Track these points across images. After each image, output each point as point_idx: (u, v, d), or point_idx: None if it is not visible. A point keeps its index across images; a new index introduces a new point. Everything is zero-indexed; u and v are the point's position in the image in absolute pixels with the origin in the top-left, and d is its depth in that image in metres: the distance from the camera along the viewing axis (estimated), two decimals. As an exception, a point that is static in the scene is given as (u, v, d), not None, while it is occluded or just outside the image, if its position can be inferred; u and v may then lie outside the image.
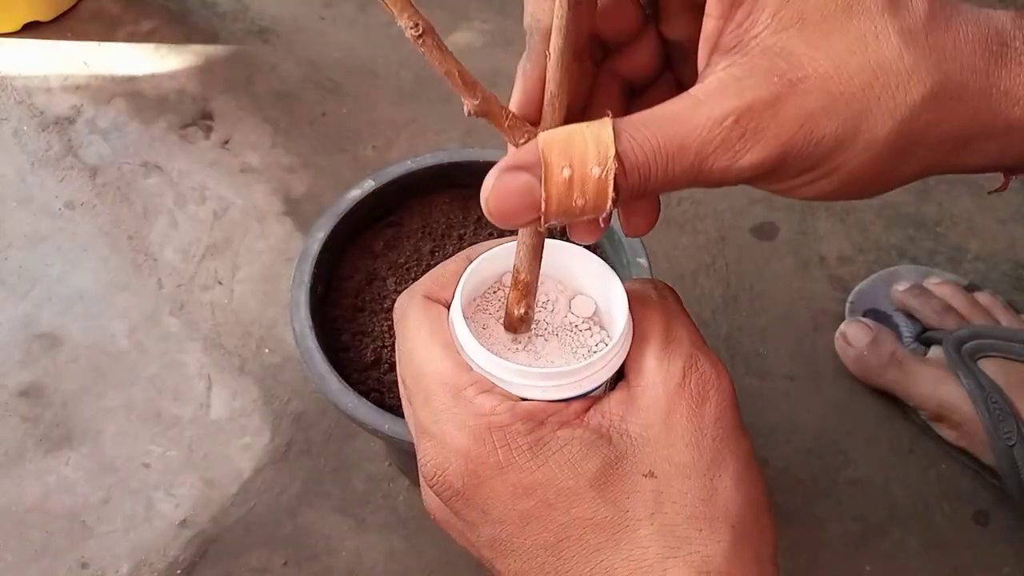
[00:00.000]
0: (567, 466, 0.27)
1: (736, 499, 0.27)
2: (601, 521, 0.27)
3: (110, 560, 0.58)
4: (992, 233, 0.74)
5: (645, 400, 0.28)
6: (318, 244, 0.51)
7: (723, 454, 0.28)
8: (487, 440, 0.27)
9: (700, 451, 0.27)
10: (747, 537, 0.27)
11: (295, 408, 0.64)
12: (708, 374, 0.28)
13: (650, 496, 0.27)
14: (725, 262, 0.72)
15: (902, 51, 0.24)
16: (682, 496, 0.27)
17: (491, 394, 0.28)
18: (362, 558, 0.59)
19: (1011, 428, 0.57)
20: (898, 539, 0.60)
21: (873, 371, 0.63)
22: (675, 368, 0.28)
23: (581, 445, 0.27)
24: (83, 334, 0.67)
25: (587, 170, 0.24)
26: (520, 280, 0.30)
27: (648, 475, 0.27)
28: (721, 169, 0.25)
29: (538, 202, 0.25)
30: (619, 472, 0.27)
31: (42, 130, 0.79)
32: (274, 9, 0.88)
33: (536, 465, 0.27)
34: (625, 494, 0.27)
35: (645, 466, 0.27)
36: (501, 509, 0.27)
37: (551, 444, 0.27)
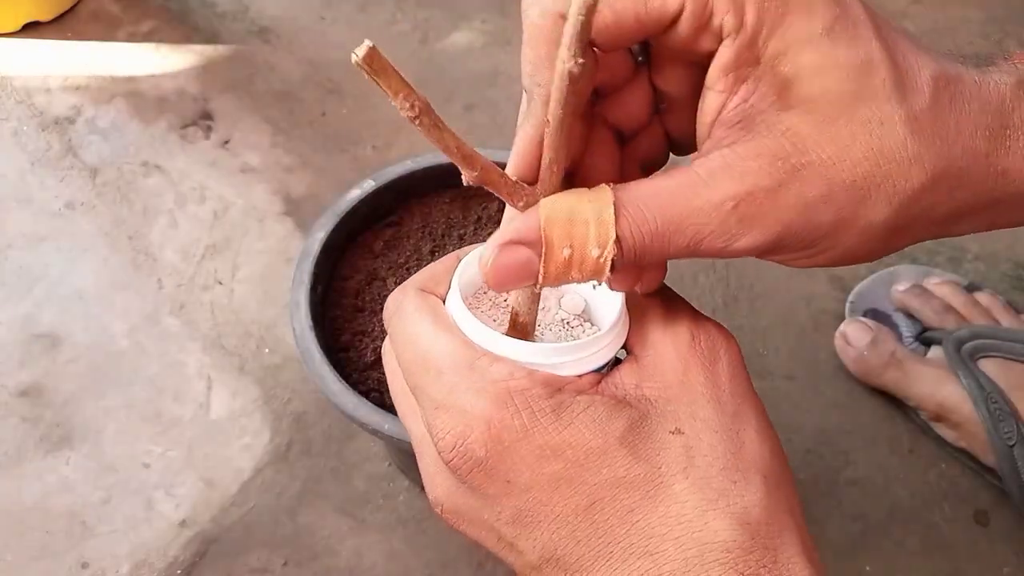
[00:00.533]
0: (593, 425, 0.26)
1: (763, 451, 0.27)
2: (634, 479, 0.26)
3: (110, 560, 0.58)
4: (992, 233, 0.74)
5: (657, 365, 0.28)
6: (318, 244, 0.51)
7: (743, 408, 0.28)
8: (509, 403, 0.26)
9: (721, 406, 0.27)
10: (779, 487, 0.27)
11: (295, 408, 0.64)
12: (715, 335, 0.29)
13: (681, 451, 0.26)
14: (725, 262, 0.72)
15: (907, 139, 0.24)
16: (712, 449, 0.27)
17: (505, 362, 0.28)
18: (362, 558, 0.59)
19: (1011, 428, 0.57)
20: (898, 539, 0.60)
21: (873, 371, 0.63)
22: (681, 332, 0.28)
23: (604, 407, 0.27)
24: (83, 334, 0.67)
25: (587, 251, 0.25)
26: (519, 322, 0.30)
27: (676, 432, 0.27)
28: (716, 250, 0.25)
29: (535, 272, 0.26)
30: (646, 430, 0.27)
31: (42, 130, 0.79)
32: (274, 9, 0.88)
33: (562, 426, 0.26)
34: (655, 450, 0.26)
35: (671, 423, 0.27)
36: (528, 475, 0.26)
37: (573, 407, 0.27)
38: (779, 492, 0.27)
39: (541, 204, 0.26)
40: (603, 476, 0.26)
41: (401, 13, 0.88)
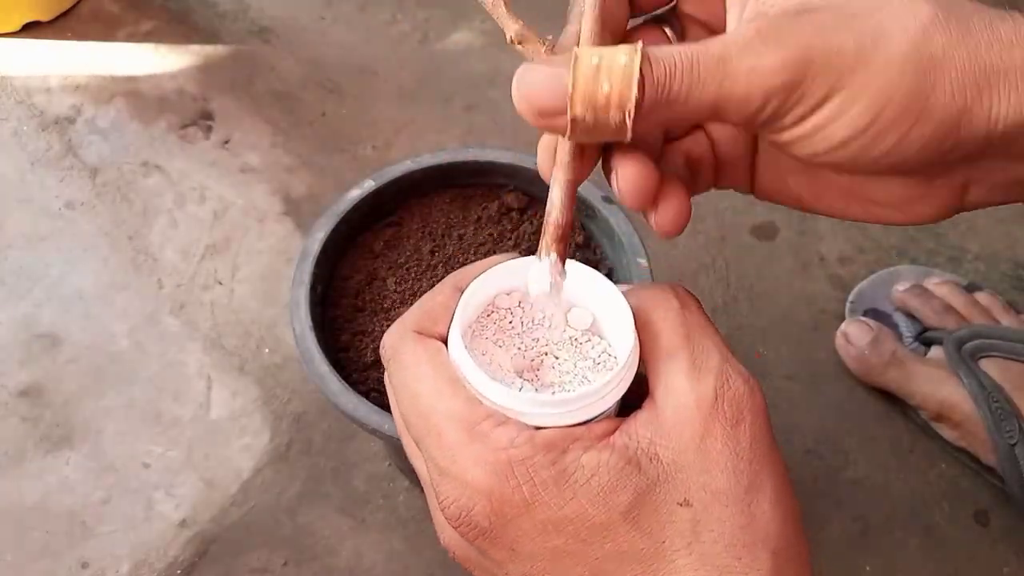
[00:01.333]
0: (597, 499, 0.26)
1: (774, 522, 0.27)
2: (637, 553, 0.26)
3: (110, 560, 0.58)
4: (992, 233, 0.74)
5: (676, 422, 0.27)
6: (318, 244, 0.51)
7: (760, 476, 0.27)
8: (510, 476, 0.26)
9: (737, 476, 0.26)
10: (789, 561, 0.26)
11: (295, 408, 0.64)
12: (741, 392, 0.28)
13: (687, 525, 0.26)
14: (725, 262, 0.72)
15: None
16: (720, 524, 0.26)
17: (507, 426, 0.27)
18: (362, 558, 0.59)
19: (1012, 427, 0.57)
20: (898, 539, 0.60)
21: (874, 370, 0.63)
22: (706, 387, 0.27)
23: (610, 474, 0.26)
24: (83, 334, 0.67)
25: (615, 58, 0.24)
26: (551, 221, 0.29)
27: (684, 503, 0.26)
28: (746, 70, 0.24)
29: (564, 87, 0.25)
30: (652, 501, 0.26)
31: (42, 130, 0.79)
32: (274, 9, 0.88)
33: (564, 500, 0.26)
34: (660, 524, 0.26)
35: (680, 494, 0.26)
36: (531, 547, 0.26)
37: (577, 475, 0.26)
38: (789, 567, 0.26)
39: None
40: (606, 550, 0.26)
41: (401, 13, 0.88)
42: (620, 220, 0.52)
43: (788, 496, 0.27)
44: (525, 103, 0.26)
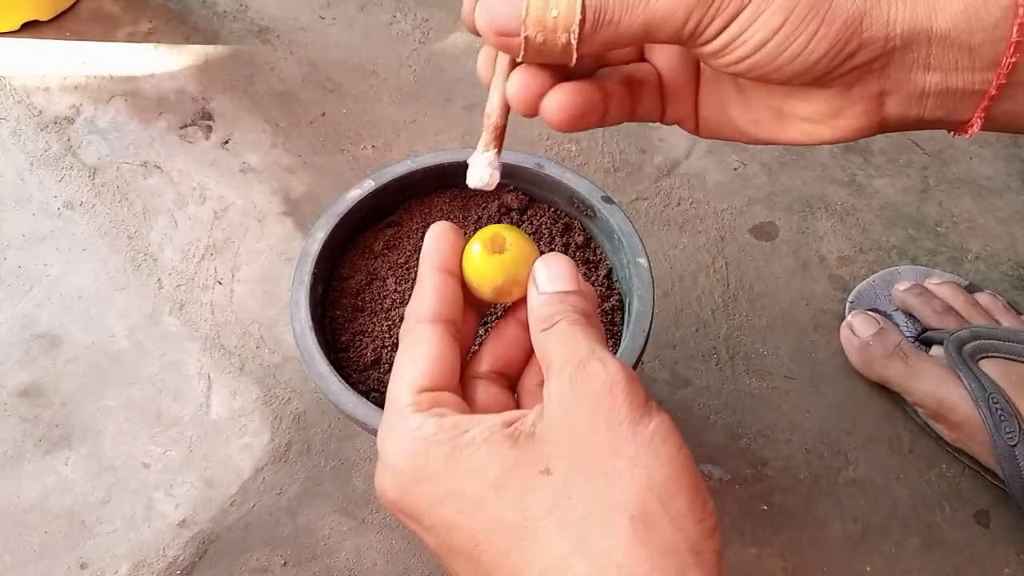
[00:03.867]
0: (472, 473, 0.28)
1: (633, 488, 0.27)
2: (507, 525, 0.27)
3: (110, 560, 0.58)
4: (992, 233, 0.74)
5: (547, 402, 0.29)
6: (318, 244, 0.51)
7: (618, 443, 0.27)
8: (412, 453, 0.29)
9: (593, 444, 0.28)
10: (652, 526, 0.26)
11: (295, 408, 0.64)
12: (597, 369, 0.29)
13: (547, 494, 0.27)
14: (725, 262, 0.72)
15: None
16: (576, 491, 0.27)
17: (425, 413, 0.30)
18: (362, 558, 0.59)
19: (1013, 428, 0.57)
20: (898, 539, 0.60)
21: (877, 361, 0.63)
22: (570, 367, 0.29)
23: (487, 451, 0.28)
24: (83, 334, 0.67)
25: None
26: (491, 124, 0.34)
27: (544, 472, 0.27)
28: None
29: (520, 10, 0.29)
30: (517, 474, 0.28)
31: (41, 130, 0.79)
32: (274, 9, 0.88)
33: (449, 474, 0.29)
34: (523, 494, 0.27)
35: (542, 464, 0.28)
36: (429, 519, 0.29)
37: (463, 453, 0.28)
38: (652, 530, 0.26)
39: None
40: (479, 523, 0.28)
41: (401, 13, 0.87)
42: (620, 220, 0.52)
43: (658, 462, 0.27)
44: (486, 24, 0.30)
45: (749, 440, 0.63)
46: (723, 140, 0.37)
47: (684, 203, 0.75)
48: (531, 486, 0.27)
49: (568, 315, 0.31)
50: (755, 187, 0.76)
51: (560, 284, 0.32)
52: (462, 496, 0.28)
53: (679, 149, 0.79)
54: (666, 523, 0.26)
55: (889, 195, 0.76)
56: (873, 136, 0.33)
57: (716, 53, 0.30)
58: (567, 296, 0.32)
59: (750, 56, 0.29)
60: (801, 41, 0.29)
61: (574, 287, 0.33)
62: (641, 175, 0.77)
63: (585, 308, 0.32)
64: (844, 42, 0.29)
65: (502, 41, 0.30)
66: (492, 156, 0.34)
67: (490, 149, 0.34)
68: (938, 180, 0.77)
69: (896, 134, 0.80)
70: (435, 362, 0.32)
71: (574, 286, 0.33)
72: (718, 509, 0.30)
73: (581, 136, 0.79)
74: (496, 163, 0.34)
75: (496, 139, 0.34)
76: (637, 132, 0.80)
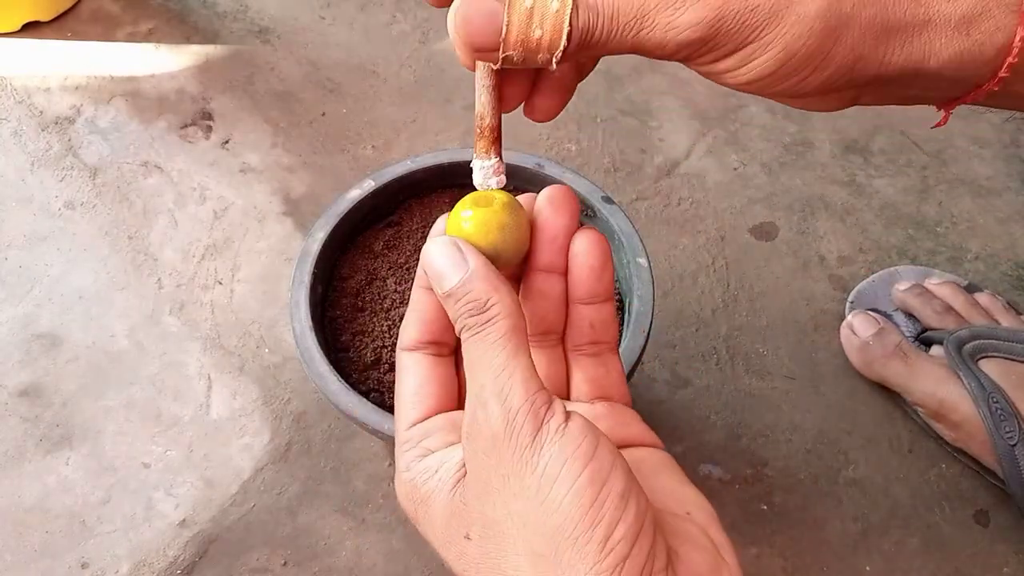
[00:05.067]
0: (430, 527, 0.29)
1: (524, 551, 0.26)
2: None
3: (110, 560, 0.58)
4: (992, 233, 0.74)
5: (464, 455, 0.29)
6: (318, 244, 0.51)
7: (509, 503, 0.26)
8: (402, 496, 0.30)
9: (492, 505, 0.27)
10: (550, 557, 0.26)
11: (295, 408, 0.64)
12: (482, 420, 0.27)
13: (470, 560, 0.28)
14: (725, 262, 0.72)
15: None
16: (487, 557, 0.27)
17: (411, 452, 0.30)
18: (362, 558, 0.59)
19: (1013, 428, 0.57)
20: (898, 539, 0.60)
21: (877, 361, 0.63)
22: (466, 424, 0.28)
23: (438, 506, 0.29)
24: (83, 334, 0.67)
25: (547, 3, 0.26)
26: (485, 126, 0.31)
27: (466, 537, 0.28)
28: (662, 26, 0.27)
29: (499, 27, 0.27)
30: (450, 534, 0.28)
31: (42, 130, 0.79)
32: (274, 9, 0.88)
33: (422, 521, 0.30)
34: (459, 557, 0.28)
35: (464, 527, 0.28)
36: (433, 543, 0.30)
37: (426, 504, 0.29)
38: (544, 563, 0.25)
39: None
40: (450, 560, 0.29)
41: (401, 13, 0.87)
42: (620, 220, 0.52)
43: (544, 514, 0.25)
44: (460, 40, 0.27)
45: (749, 440, 0.63)
46: None
47: (684, 203, 0.75)
48: (461, 551, 0.28)
49: (462, 320, 0.28)
50: (755, 187, 0.76)
51: (441, 283, 0.29)
52: (433, 545, 0.29)
53: (679, 149, 0.79)
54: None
55: (889, 195, 0.76)
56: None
57: (697, 69, 0.29)
58: (454, 294, 0.29)
59: (734, 85, 0.29)
60: (792, 82, 0.28)
61: (455, 281, 0.29)
62: (641, 175, 0.77)
63: (476, 299, 0.28)
64: (832, 82, 0.28)
65: (478, 56, 0.28)
66: (495, 163, 0.32)
67: (491, 156, 0.31)
68: (938, 180, 0.77)
69: (896, 135, 0.80)
70: (418, 392, 0.31)
71: (455, 279, 0.29)
72: (718, 509, 0.30)
73: (581, 136, 0.79)
74: (500, 168, 0.32)
75: (494, 142, 0.31)
76: (637, 132, 0.80)
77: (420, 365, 0.32)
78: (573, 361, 0.33)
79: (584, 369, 0.33)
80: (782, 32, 0.27)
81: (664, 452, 0.32)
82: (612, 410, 0.33)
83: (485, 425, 0.27)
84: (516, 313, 0.28)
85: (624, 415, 0.33)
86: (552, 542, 0.25)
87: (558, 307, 0.32)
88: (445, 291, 0.29)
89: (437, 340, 0.32)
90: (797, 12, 0.26)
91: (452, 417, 0.31)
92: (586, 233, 0.31)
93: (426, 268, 0.30)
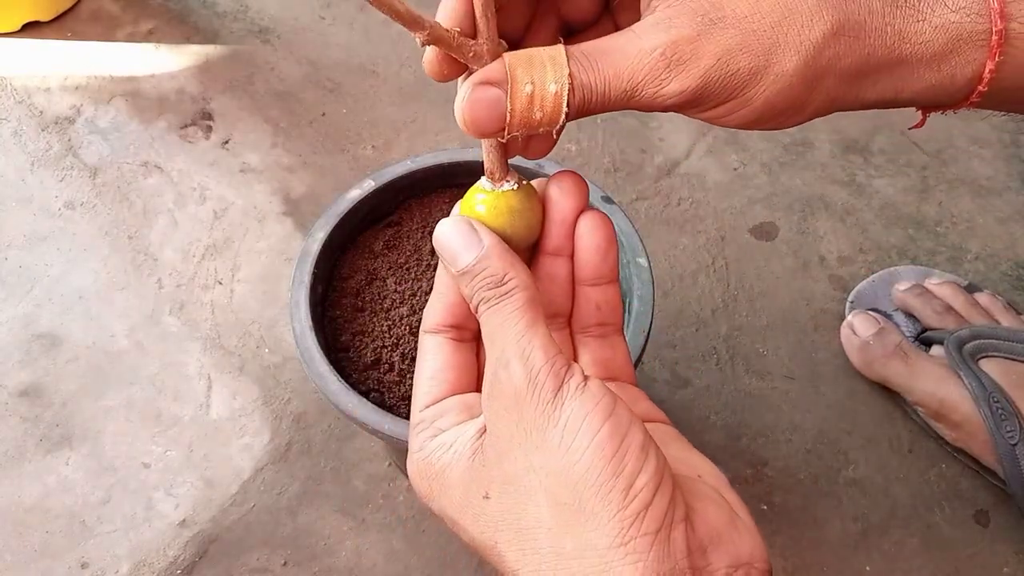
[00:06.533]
0: (447, 497, 0.29)
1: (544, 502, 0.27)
2: (480, 546, 0.29)
3: (110, 560, 0.58)
4: (992, 233, 0.74)
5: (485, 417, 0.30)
6: (318, 244, 0.51)
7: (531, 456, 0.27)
8: (414, 474, 0.31)
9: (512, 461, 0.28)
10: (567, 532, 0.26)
11: (295, 408, 0.64)
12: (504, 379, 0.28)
13: (490, 519, 0.28)
14: (725, 262, 0.72)
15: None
16: (508, 513, 0.28)
17: (425, 433, 0.31)
18: (362, 558, 0.59)
19: (1013, 427, 0.57)
20: (898, 539, 0.60)
21: (877, 361, 0.63)
22: (487, 385, 0.29)
23: (454, 472, 0.29)
24: (83, 334, 0.67)
25: (546, 87, 0.28)
26: (496, 175, 0.32)
27: (485, 497, 0.28)
28: (650, 95, 0.28)
29: (504, 113, 0.28)
30: (469, 499, 0.29)
31: (42, 130, 0.79)
32: (274, 9, 0.88)
33: (437, 495, 0.30)
34: (476, 519, 0.28)
35: (483, 488, 0.28)
36: (448, 524, 0.31)
37: (442, 476, 0.29)
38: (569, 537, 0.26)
39: (506, 54, 0.29)
40: (468, 538, 0.29)
41: (401, 13, 0.88)
42: (620, 220, 0.52)
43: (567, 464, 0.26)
44: (470, 121, 0.29)
45: (749, 440, 0.63)
46: None
47: (684, 203, 0.75)
48: (480, 512, 0.28)
49: (479, 294, 0.29)
50: (755, 187, 0.76)
51: (456, 262, 0.30)
52: (449, 516, 0.30)
53: (679, 149, 0.79)
54: (581, 525, 0.26)
55: (889, 195, 0.76)
56: None
57: (688, 116, 0.30)
58: (469, 272, 0.29)
59: (721, 125, 0.30)
60: (772, 124, 0.30)
61: (472, 258, 0.29)
62: (641, 175, 0.77)
63: (493, 274, 0.29)
64: (808, 118, 0.30)
65: (486, 136, 0.30)
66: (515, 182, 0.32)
67: (510, 179, 0.32)
68: (938, 180, 0.77)
69: (896, 135, 0.80)
70: (436, 374, 0.32)
71: (472, 257, 0.29)
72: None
73: (581, 136, 0.79)
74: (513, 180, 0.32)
75: (504, 163, 0.31)
76: (637, 132, 0.80)
77: (441, 348, 0.32)
78: (580, 343, 0.34)
79: (592, 351, 0.34)
80: (762, 89, 0.28)
81: (672, 426, 0.33)
82: (620, 389, 0.33)
83: (508, 383, 0.27)
84: (532, 287, 0.29)
85: (632, 393, 0.33)
86: (575, 491, 0.26)
87: (565, 290, 0.33)
88: (460, 269, 0.30)
89: (460, 324, 0.32)
90: (776, 72, 0.28)
91: (466, 399, 0.32)
92: (591, 214, 0.32)
93: (439, 248, 0.30)
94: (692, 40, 0.27)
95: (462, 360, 0.32)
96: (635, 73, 0.28)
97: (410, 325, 0.51)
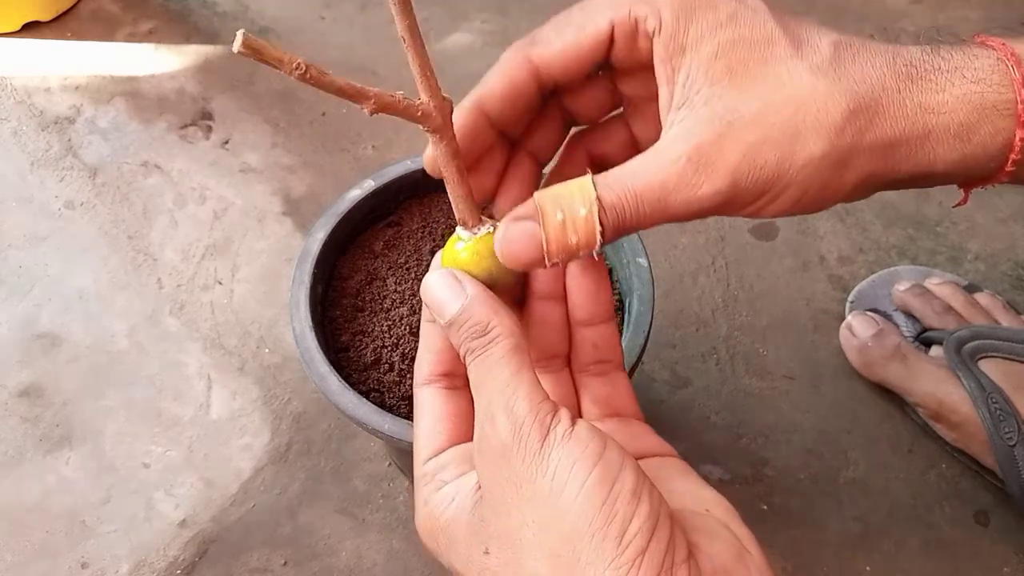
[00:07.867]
0: (452, 552, 0.29)
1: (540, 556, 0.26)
2: None
3: (110, 560, 0.58)
4: (992, 233, 0.74)
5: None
6: (318, 244, 0.51)
7: (523, 509, 0.27)
8: (421, 527, 0.31)
9: (507, 515, 0.27)
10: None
11: (295, 408, 0.64)
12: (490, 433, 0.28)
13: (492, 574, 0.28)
14: (725, 262, 0.72)
15: (815, 82, 0.28)
16: (507, 568, 0.27)
17: (429, 486, 0.31)
18: (362, 558, 0.59)
19: (1012, 428, 0.57)
20: (898, 539, 0.60)
21: (876, 362, 0.63)
22: (476, 441, 0.29)
23: (457, 528, 0.29)
24: (83, 334, 0.67)
25: (576, 212, 0.28)
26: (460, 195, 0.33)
27: (485, 553, 0.28)
28: (683, 202, 0.29)
29: (539, 243, 0.29)
30: (471, 554, 0.28)
31: (42, 130, 0.79)
32: (274, 9, 0.88)
33: (443, 550, 0.30)
34: (478, 573, 0.28)
35: (482, 544, 0.28)
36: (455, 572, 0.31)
37: (447, 531, 0.30)
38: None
39: (536, 192, 0.30)
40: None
41: (401, 13, 0.88)
42: (620, 220, 0.52)
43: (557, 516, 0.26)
44: (509, 255, 0.29)
45: (749, 440, 0.63)
46: None
47: (684, 203, 0.75)
48: (483, 567, 0.28)
49: (465, 344, 0.29)
50: (755, 187, 0.76)
51: (443, 314, 0.30)
52: (457, 571, 0.29)
53: (679, 149, 0.79)
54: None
55: (889, 195, 0.76)
56: None
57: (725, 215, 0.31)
58: (456, 322, 0.30)
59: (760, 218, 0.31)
60: (813, 207, 0.30)
61: (455, 309, 0.30)
62: (641, 175, 0.77)
63: (477, 323, 0.29)
64: (851, 197, 0.30)
65: (529, 268, 0.30)
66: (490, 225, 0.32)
67: (484, 224, 0.32)
68: (938, 180, 0.77)
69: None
70: (434, 426, 0.32)
71: (455, 307, 0.30)
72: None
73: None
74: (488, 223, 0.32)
75: (474, 209, 0.32)
76: (637, 132, 0.80)
77: (435, 399, 0.32)
78: (580, 383, 0.34)
79: (592, 390, 0.34)
80: (793, 176, 0.28)
81: (680, 460, 0.32)
82: (623, 425, 0.33)
83: (494, 437, 0.27)
84: (517, 333, 0.29)
85: (636, 428, 0.33)
86: (569, 542, 0.25)
87: (561, 332, 0.34)
88: (447, 320, 0.30)
89: (449, 371, 0.32)
90: (803, 157, 0.28)
91: (464, 448, 0.32)
92: None
93: (427, 302, 0.31)
94: (714, 142, 0.28)
95: (457, 408, 0.32)
96: (665, 183, 0.28)
97: (410, 325, 0.51)
